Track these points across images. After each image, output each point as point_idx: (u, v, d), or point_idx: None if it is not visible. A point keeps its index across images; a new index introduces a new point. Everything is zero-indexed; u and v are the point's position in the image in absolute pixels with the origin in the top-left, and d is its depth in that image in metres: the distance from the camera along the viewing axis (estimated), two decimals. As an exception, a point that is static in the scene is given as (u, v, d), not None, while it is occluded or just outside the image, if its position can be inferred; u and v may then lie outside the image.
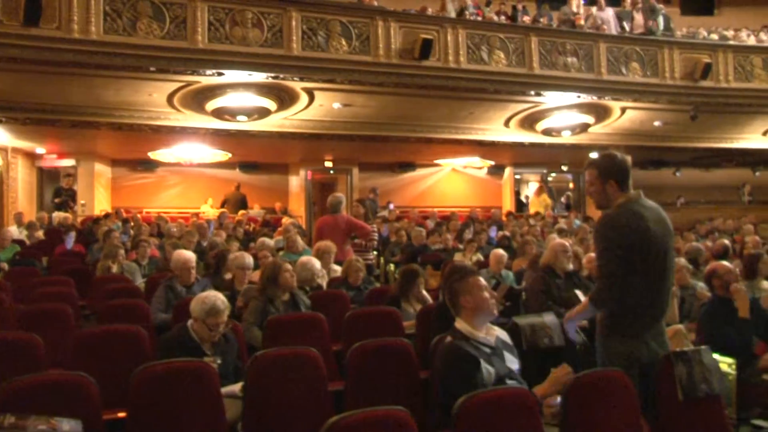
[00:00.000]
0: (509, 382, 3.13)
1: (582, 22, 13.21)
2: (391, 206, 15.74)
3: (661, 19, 13.87)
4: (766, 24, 18.70)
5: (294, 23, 10.30)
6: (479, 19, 12.63)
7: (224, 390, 3.41)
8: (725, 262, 5.43)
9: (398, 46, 10.94)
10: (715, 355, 3.86)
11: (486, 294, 3.22)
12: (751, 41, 15.08)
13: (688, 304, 5.93)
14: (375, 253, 8.84)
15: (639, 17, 13.60)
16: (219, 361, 3.65)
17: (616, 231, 3.24)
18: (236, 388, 3.49)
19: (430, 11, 12.62)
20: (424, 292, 5.68)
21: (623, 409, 3.01)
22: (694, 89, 12.80)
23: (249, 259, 6.05)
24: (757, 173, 19.66)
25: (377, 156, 16.38)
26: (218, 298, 3.87)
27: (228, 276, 6.19)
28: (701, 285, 5.95)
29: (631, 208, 3.29)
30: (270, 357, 3.41)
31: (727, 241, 8.43)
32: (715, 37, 15.79)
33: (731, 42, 14.34)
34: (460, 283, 3.25)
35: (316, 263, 6.09)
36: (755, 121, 14.53)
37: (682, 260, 6.62)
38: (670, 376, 3.22)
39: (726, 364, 4.33)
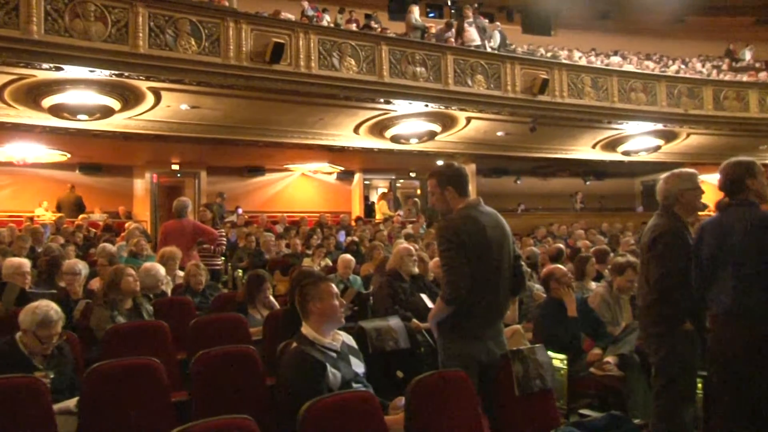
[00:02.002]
0: (355, 385, 3.18)
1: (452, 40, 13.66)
2: (240, 211, 15.49)
3: (497, 36, 14.62)
4: (594, 48, 20.25)
5: (141, 19, 9.86)
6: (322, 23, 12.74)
7: (57, 406, 3.22)
8: (559, 265, 5.80)
9: (249, 49, 10.78)
10: (549, 352, 4.13)
11: (336, 302, 3.27)
12: (582, 62, 16.22)
13: (525, 305, 6.25)
14: (223, 258, 8.68)
15: (471, 31, 14.18)
16: (52, 376, 3.44)
17: (455, 234, 3.36)
18: (71, 403, 3.30)
19: (283, 15, 12.57)
20: (271, 298, 5.65)
21: (464, 406, 3.13)
22: (533, 103, 13.50)
23: (80, 265, 5.77)
24: (588, 182, 21.17)
25: (226, 160, 16.05)
26: (51, 307, 3.64)
27: (62, 283, 5.85)
28: (537, 287, 6.31)
29: (468, 213, 3.44)
30: (107, 369, 3.25)
31: (561, 245, 8.95)
32: (551, 55, 16.88)
33: (565, 61, 15.34)
34: (312, 288, 3.27)
35: (161, 269, 5.90)
36: (586, 134, 15.59)
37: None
38: (507, 374, 3.40)
39: (558, 360, 4.62)
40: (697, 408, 4.07)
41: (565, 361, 4.67)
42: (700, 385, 4.08)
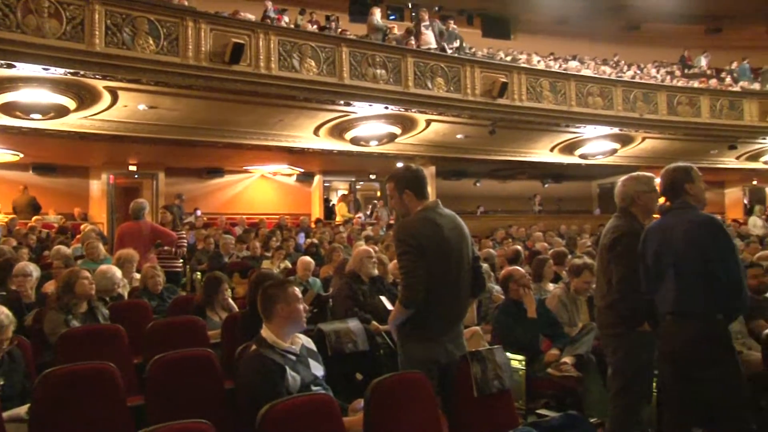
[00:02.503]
0: (314, 388, 3.18)
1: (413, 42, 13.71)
2: (199, 213, 15.33)
3: (456, 41, 14.74)
4: (553, 52, 20.55)
5: (97, 17, 9.67)
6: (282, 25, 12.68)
7: (7, 414, 3.14)
8: (518, 267, 5.86)
9: (209, 49, 10.66)
10: (507, 353, 4.17)
11: (300, 306, 3.27)
12: (541, 66, 16.42)
13: (485, 307, 6.30)
14: (182, 261, 8.58)
15: (428, 35, 14.27)
16: (2, 383, 3.35)
17: (412, 236, 3.38)
18: (22, 410, 3.22)
19: (242, 15, 12.47)
20: (230, 300, 5.61)
21: (423, 408, 3.14)
22: (492, 106, 13.58)
23: (30, 267, 5.65)
24: (546, 185, 21.44)
25: (185, 161, 15.87)
26: (1, 312, 3.54)
27: (14, 287, 5.71)
28: (497, 288, 6.36)
29: (426, 215, 3.46)
30: (60, 374, 3.16)
31: (519, 247, 9.03)
32: (510, 59, 17.06)
33: (524, 65, 15.51)
34: (278, 290, 3.26)
35: (117, 272, 5.81)
36: (544, 137, 15.79)
37: (485, 265, 7.02)
38: (466, 375, 3.42)
39: (517, 361, 4.67)
40: (652, 407, 4.16)
41: (524, 362, 4.72)
42: (654, 385, 4.17)
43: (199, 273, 9.21)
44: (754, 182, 22.68)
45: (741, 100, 16.64)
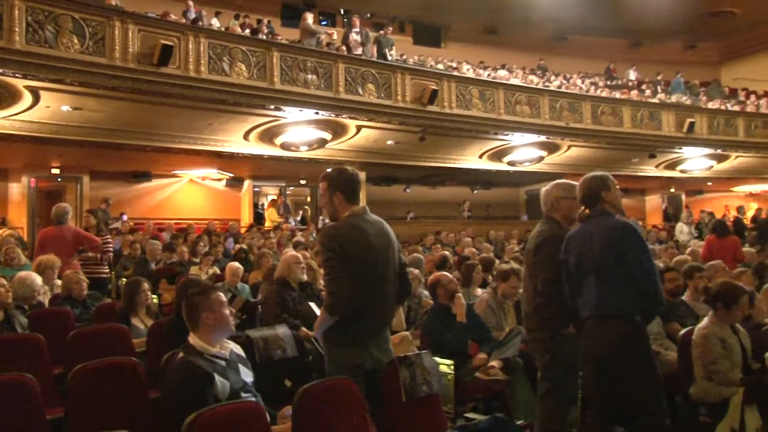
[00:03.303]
0: (244, 395, 3.14)
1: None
2: (125, 217, 14.95)
3: (393, 49, 14.88)
4: (482, 61, 20.92)
5: (17, 13, 9.32)
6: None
7: None
8: (446, 272, 5.93)
9: (136, 50, 10.42)
10: (436, 358, 4.22)
11: (226, 311, 3.23)
12: (471, 74, 16.68)
13: (414, 312, 6.35)
14: (108, 267, 8.35)
15: (357, 39, 14.40)
16: None
17: (338, 242, 3.38)
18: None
19: (172, 17, 12.27)
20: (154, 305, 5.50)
21: (352, 413, 3.15)
22: (423, 113, 13.70)
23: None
24: (475, 191, 21.77)
25: (111, 164, 15.45)
26: None
27: None
28: (426, 294, 6.42)
29: (353, 221, 3.46)
30: (-28, 387, 3.04)
31: (447, 253, 9.15)
32: (441, 67, 17.27)
33: (455, 73, 15.72)
34: (202, 298, 3.21)
35: (37, 279, 5.62)
36: (473, 144, 16.01)
37: (416, 271, 7.08)
38: (394, 380, 3.44)
39: (445, 365, 4.72)
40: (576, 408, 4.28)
41: (452, 366, 4.77)
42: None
43: (124, 279, 8.99)
44: (672, 190, 23.63)
45: (660, 111, 17.29)
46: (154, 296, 7.19)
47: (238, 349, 3.36)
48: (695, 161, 18.84)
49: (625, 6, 21.80)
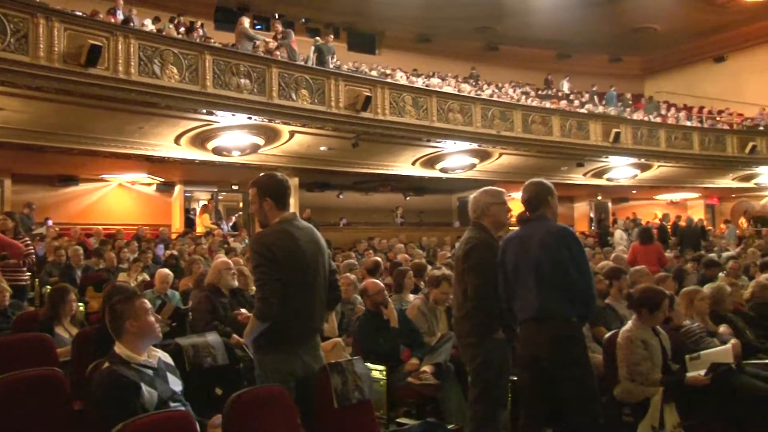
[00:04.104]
0: (173, 404, 3.09)
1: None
2: (50, 222, 14.47)
3: (320, 55, 14.88)
4: (416, 68, 21.14)
5: (-71, 7, 8.97)
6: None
7: None
8: (376, 280, 5.95)
9: (63, 50, 10.12)
10: (368, 364, 4.23)
11: (151, 318, 3.16)
12: (404, 81, 16.82)
13: (347, 318, 6.35)
14: (29, 273, 8.06)
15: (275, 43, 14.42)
16: None
17: (268, 248, 3.36)
18: None
19: (101, 16, 11.96)
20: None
21: (283, 421, 3.13)
22: (356, 119, 13.72)
23: None
24: (408, 198, 21.94)
25: (35, 167, 14.90)
26: None
27: None
28: (360, 300, 6.43)
29: (283, 227, 3.45)
30: None
31: (379, 258, 9.17)
32: (375, 73, 17.35)
33: (388, 80, 15.82)
34: (125, 305, 3.13)
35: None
36: (406, 151, 16.13)
37: (352, 276, 7.08)
38: (326, 387, 3.45)
39: (378, 371, 4.75)
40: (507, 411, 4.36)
41: (384, 372, 4.80)
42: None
43: (49, 287, 8.70)
44: (599, 197, 24.38)
45: (588, 121, 17.80)
46: (80, 304, 7.00)
47: (166, 358, 3.30)
48: (621, 170, 19.48)
49: (554, 19, 22.43)
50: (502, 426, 3.99)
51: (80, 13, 11.37)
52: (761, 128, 21.42)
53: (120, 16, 12.59)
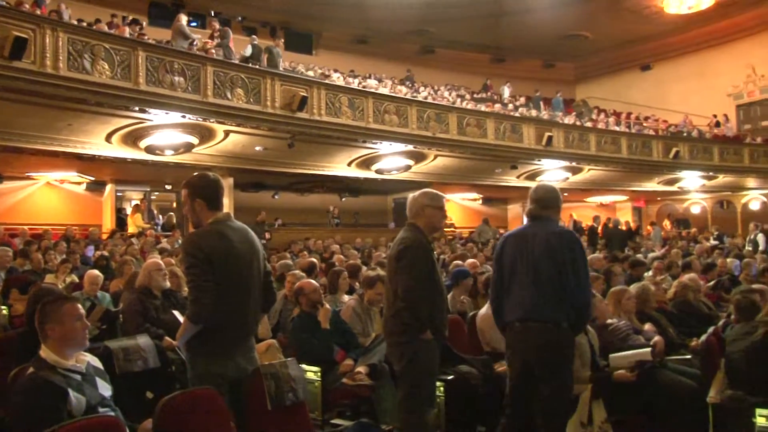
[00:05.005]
0: (102, 410, 3.02)
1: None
2: (-30, 222, 13.95)
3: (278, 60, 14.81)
4: (353, 69, 21.19)
5: None
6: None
7: None
8: (312, 280, 5.94)
9: (-16, 41, 9.75)
10: (303, 365, 4.23)
11: (78, 324, 3.08)
12: (341, 82, 16.82)
13: (283, 319, 6.32)
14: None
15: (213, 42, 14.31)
16: None
17: (200, 249, 3.33)
18: None
19: (27, 8, 11.55)
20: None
21: (215, 424, 3.11)
22: (292, 119, 13.58)
23: None
24: (343, 199, 21.95)
25: (-45, 165, 14.37)
26: None
27: None
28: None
29: (216, 228, 3.43)
30: None
31: (314, 259, 9.16)
32: (312, 74, 17.30)
33: (325, 81, 15.78)
34: (51, 308, 3.05)
35: None
36: (342, 152, 16.12)
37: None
38: (259, 389, 3.43)
39: (312, 372, 4.75)
40: (440, 410, 4.42)
41: (319, 373, 4.80)
42: (441, 389, 4.44)
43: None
44: (532, 200, 24.84)
45: (521, 124, 18.11)
46: (4, 307, 6.79)
47: (95, 362, 3.22)
48: (552, 173, 19.89)
49: (489, 23, 22.85)
50: (430, 425, 4.03)
51: (3, 3, 10.93)
52: (684, 134, 22.26)
53: (47, 8, 12.19)
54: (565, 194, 24.08)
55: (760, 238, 17.43)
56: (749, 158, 21.57)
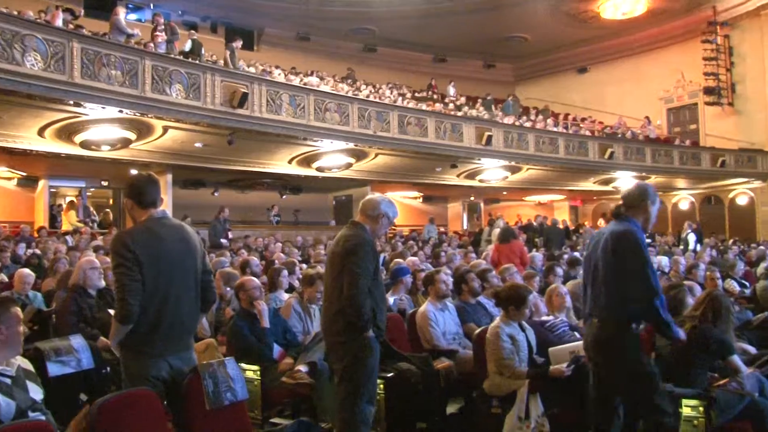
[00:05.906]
0: (32, 414, 2.96)
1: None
2: None
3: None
4: (294, 67, 21.08)
5: None
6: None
7: None
8: (252, 278, 5.90)
9: None
10: (242, 364, 4.19)
11: (21, 328, 3.03)
12: (282, 79, 16.71)
13: (221, 317, 6.24)
14: None
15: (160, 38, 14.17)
16: None
17: (128, 248, 3.27)
18: None
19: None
20: None
21: (153, 425, 3.08)
22: (232, 115, 13.45)
23: None
24: (284, 196, 21.82)
25: None
26: None
27: None
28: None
29: (147, 226, 3.38)
30: None
31: (254, 258, 9.08)
32: (252, 70, 17.14)
33: (266, 77, 15.65)
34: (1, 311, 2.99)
35: None
36: (283, 149, 16.04)
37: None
38: (197, 389, 3.40)
39: (251, 371, 4.72)
40: (380, 408, 4.45)
41: (259, 372, 4.78)
42: (381, 387, 4.47)
43: None
44: (472, 198, 25.24)
45: (461, 123, 18.29)
46: None
47: (26, 364, 3.15)
48: (492, 172, 20.19)
49: (430, 23, 23.03)
50: (370, 424, 4.03)
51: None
52: (619, 135, 22.89)
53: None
54: (504, 193, 24.58)
55: (691, 237, 18.11)
56: (679, 160, 22.35)
